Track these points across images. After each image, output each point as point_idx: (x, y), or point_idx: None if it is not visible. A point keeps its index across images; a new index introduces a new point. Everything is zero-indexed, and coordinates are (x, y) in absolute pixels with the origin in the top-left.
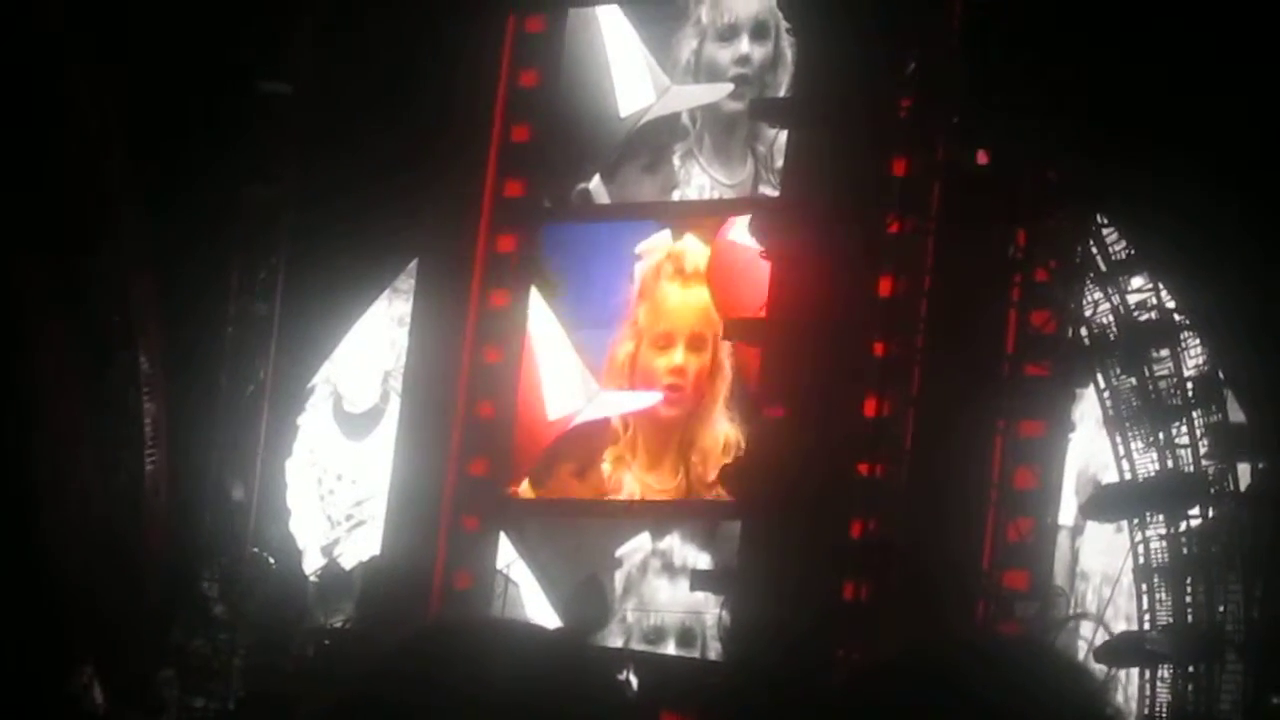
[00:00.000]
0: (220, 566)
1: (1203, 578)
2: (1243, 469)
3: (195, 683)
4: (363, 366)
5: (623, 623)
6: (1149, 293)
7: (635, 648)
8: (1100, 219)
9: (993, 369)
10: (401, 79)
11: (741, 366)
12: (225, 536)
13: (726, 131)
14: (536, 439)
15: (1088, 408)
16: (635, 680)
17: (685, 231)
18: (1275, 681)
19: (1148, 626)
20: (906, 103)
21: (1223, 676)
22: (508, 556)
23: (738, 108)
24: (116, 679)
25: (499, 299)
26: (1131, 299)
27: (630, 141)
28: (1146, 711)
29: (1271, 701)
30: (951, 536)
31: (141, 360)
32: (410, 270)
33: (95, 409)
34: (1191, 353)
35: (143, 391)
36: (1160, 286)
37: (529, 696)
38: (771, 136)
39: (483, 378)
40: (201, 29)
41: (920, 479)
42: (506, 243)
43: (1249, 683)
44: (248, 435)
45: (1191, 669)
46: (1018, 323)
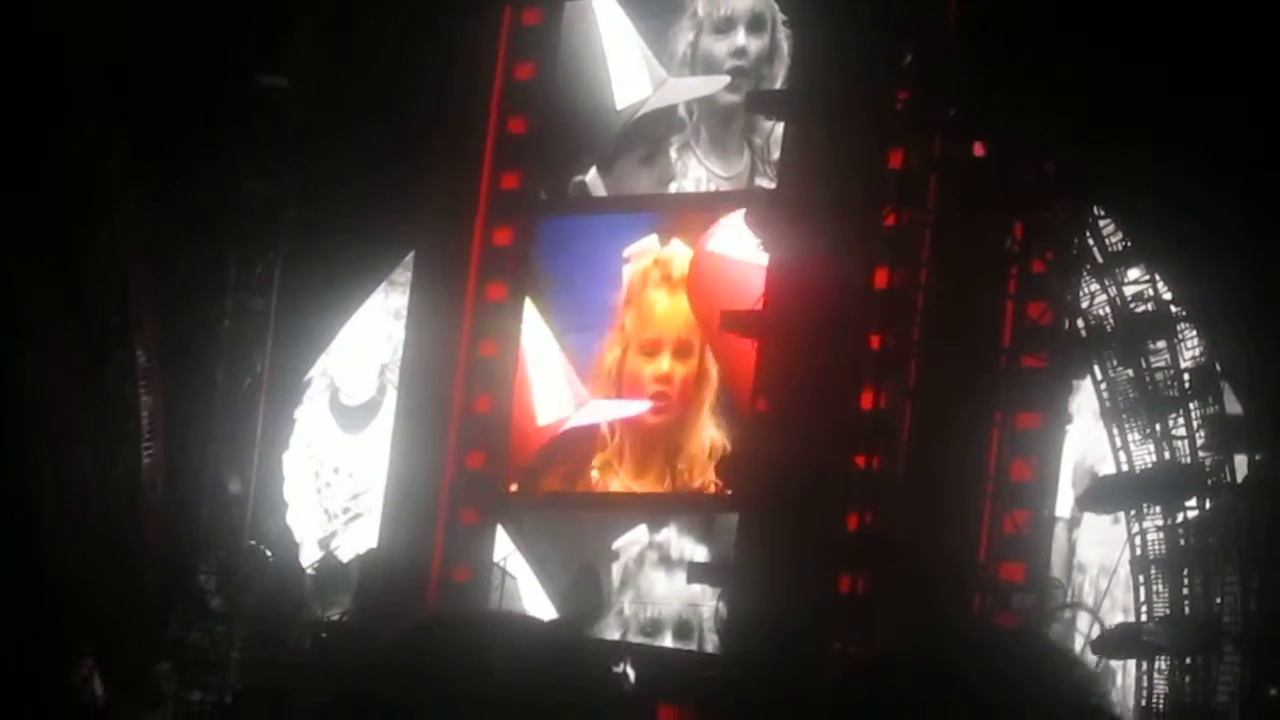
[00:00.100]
0: (217, 559)
1: (1200, 569)
2: (1240, 460)
3: (192, 675)
4: (359, 359)
5: (620, 615)
6: (1146, 284)
7: (632, 640)
8: (1097, 211)
9: (990, 361)
10: (398, 72)
11: (728, 373)
12: (222, 529)
13: (723, 124)
14: (526, 443)
15: (1085, 399)
16: (632, 673)
17: (673, 236)
18: (1272, 673)
19: (1145, 618)
20: (903, 95)
21: (1220, 668)
22: (505, 550)
23: (734, 100)
24: (114, 672)
25: (496, 292)
26: (1128, 291)
27: (627, 134)
28: (1144, 703)
29: (1269, 693)
30: (948, 529)
31: (138, 354)
32: (407, 263)
33: (93, 404)
34: (1188, 344)
35: (139, 385)
36: (1157, 278)
37: (526, 689)
38: (768, 129)
39: (480, 371)
40: (200, 25)
41: (917, 471)
42: (503, 235)
43: (1246, 674)
44: (245, 428)
45: (1189, 660)
46: (1014, 315)
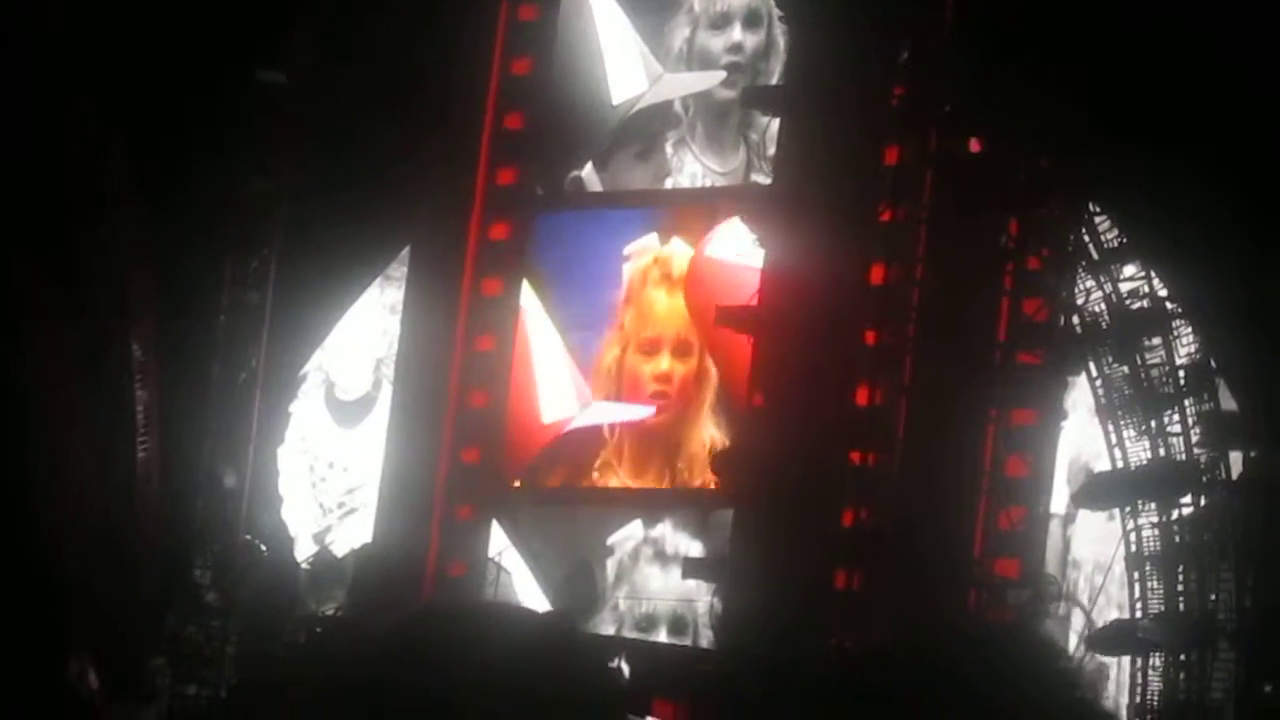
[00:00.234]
0: (212, 554)
1: (1195, 566)
2: (1234, 457)
3: (187, 669)
4: (355, 354)
5: (615, 610)
6: (1141, 281)
7: (627, 635)
8: (1093, 207)
9: (985, 357)
10: (395, 68)
11: (727, 372)
12: (217, 524)
13: (719, 119)
14: (530, 441)
15: (1080, 396)
16: (627, 668)
17: (673, 235)
18: (1267, 669)
19: (1140, 615)
20: (899, 91)
21: (1214, 664)
22: (500, 544)
23: (730, 96)
24: (110, 666)
25: (491, 287)
26: (1124, 287)
27: (623, 129)
28: (1138, 700)
29: (1263, 689)
30: (943, 525)
31: (135, 349)
32: (403, 258)
33: (89, 398)
34: (1183, 341)
35: (136, 380)
36: (1152, 275)
37: (521, 679)
38: (764, 124)
39: (475, 366)
40: (200, 22)
41: (912, 467)
42: (499, 230)
43: (1241, 671)
44: (240, 423)
45: (1183, 657)
46: (1010, 311)
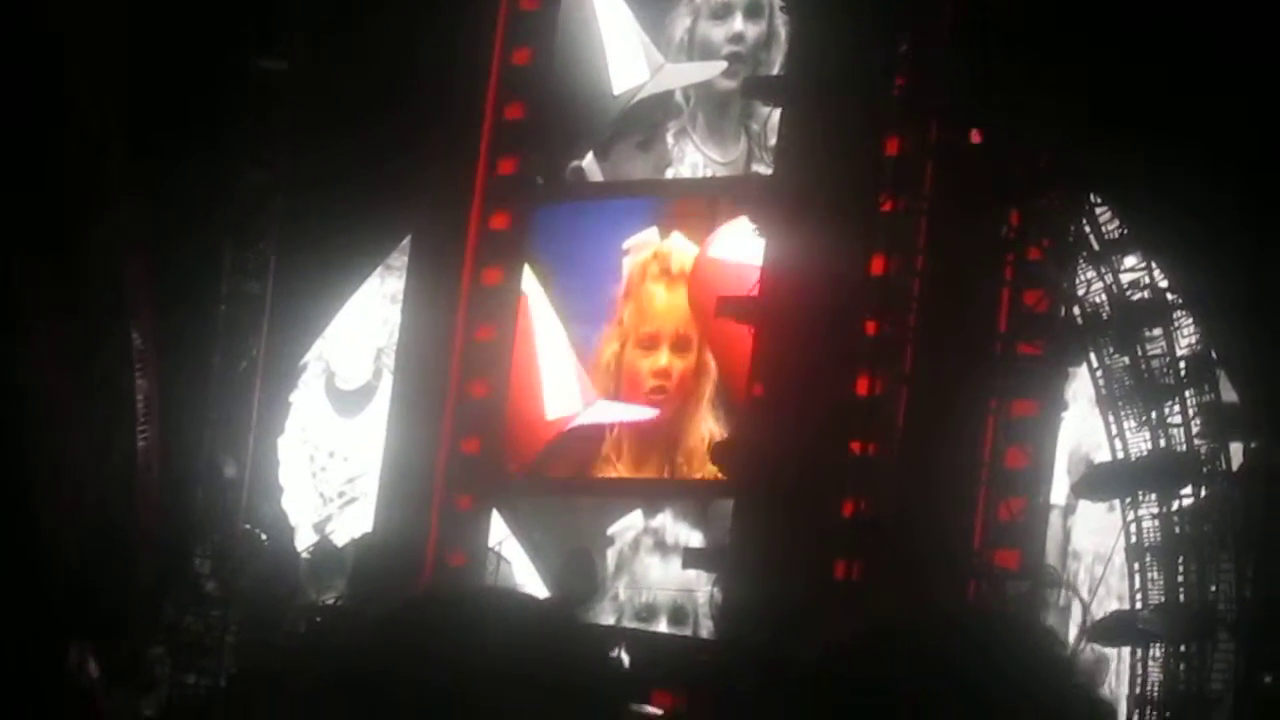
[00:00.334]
0: (212, 543)
1: (1195, 557)
2: (1235, 448)
3: (187, 659)
4: (355, 344)
5: (614, 601)
6: (1142, 272)
7: (627, 625)
8: (1094, 198)
9: (985, 348)
10: (396, 58)
11: (727, 367)
12: (217, 513)
13: (720, 110)
14: (534, 436)
15: (1080, 387)
16: (627, 658)
17: (673, 229)
18: (1267, 660)
19: (1140, 605)
20: (900, 82)
21: (1215, 655)
22: (500, 534)
23: (731, 86)
24: (109, 656)
25: (492, 276)
26: (1124, 278)
27: (624, 119)
28: (1138, 690)
29: (1263, 680)
30: (943, 515)
31: (134, 338)
32: (403, 247)
33: (88, 388)
34: (1184, 332)
35: (135, 369)
36: (1153, 266)
37: (520, 665)
38: (765, 115)
39: (475, 356)
40: (198, 11)
41: (912, 458)
42: (499, 220)
43: (1241, 662)
44: (240, 412)
45: (1183, 648)
46: (1010, 302)
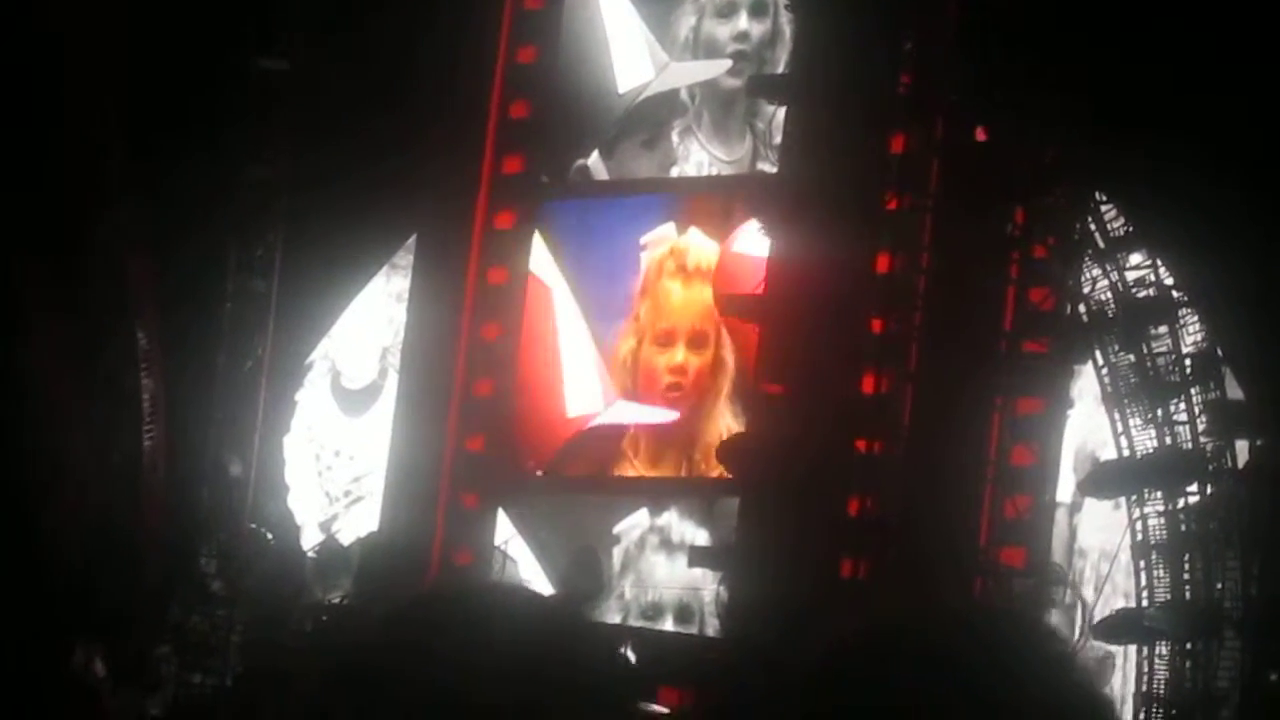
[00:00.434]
0: (218, 542)
1: (1201, 555)
2: (1240, 446)
3: (193, 658)
4: (361, 343)
5: (620, 599)
6: (1147, 269)
7: (633, 624)
8: (1099, 196)
9: (991, 346)
10: (401, 56)
11: (744, 362)
12: (223, 513)
13: (725, 108)
14: (553, 433)
15: (1086, 384)
16: (633, 656)
17: (690, 225)
18: (1273, 658)
19: (1146, 603)
20: (905, 79)
21: (1221, 653)
22: (506, 533)
23: (736, 84)
24: (115, 655)
25: (497, 275)
26: (1130, 276)
27: (629, 117)
28: (1144, 688)
29: (1269, 678)
30: (949, 514)
31: (139, 337)
32: (409, 246)
33: (93, 388)
34: (1190, 329)
35: (140, 368)
36: (1159, 263)
37: (526, 662)
38: (770, 113)
39: (481, 354)
40: (200, 10)
41: (918, 456)
42: (505, 219)
43: (1247, 659)
44: (246, 411)
45: (1189, 646)
46: (1016, 300)
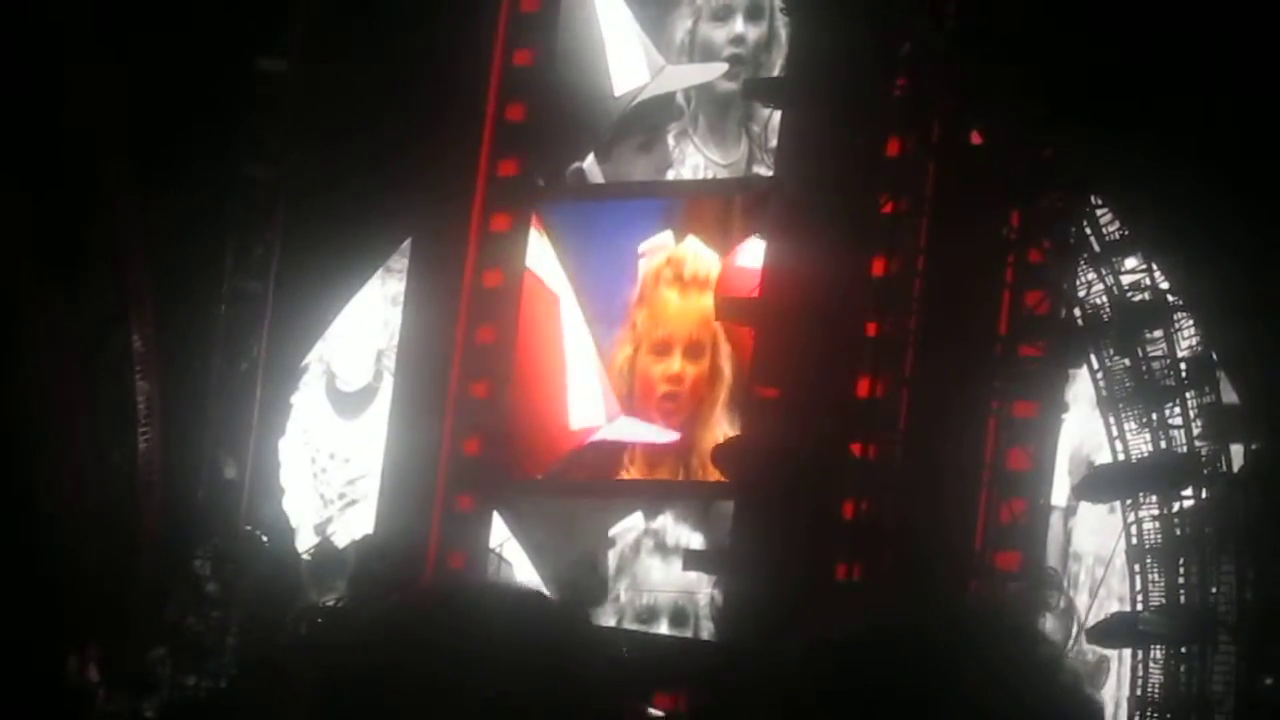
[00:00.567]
0: (213, 545)
1: (1195, 559)
2: (1236, 450)
3: (188, 661)
4: (356, 345)
5: (616, 602)
6: (1142, 273)
7: (628, 627)
8: (1094, 200)
9: (986, 350)
10: (397, 59)
11: (741, 371)
12: (218, 515)
13: (721, 111)
14: (555, 444)
15: (1081, 388)
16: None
17: (688, 233)
18: (1267, 662)
19: (1140, 607)
20: (900, 83)
21: (1215, 657)
22: (501, 536)
23: (732, 87)
24: (110, 657)
25: (493, 278)
26: (1125, 280)
27: (625, 120)
28: (1139, 692)
29: (1263, 682)
30: (944, 517)
31: (135, 339)
32: (404, 249)
33: (89, 389)
34: (1185, 334)
35: (136, 370)
36: (1154, 267)
37: (524, 653)
38: (765, 116)
39: (476, 357)
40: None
41: (913, 459)
42: (500, 222)
43: (1241, 664)
44: (241, 414)
45: (1184, 650)
46: (1011, 303)
